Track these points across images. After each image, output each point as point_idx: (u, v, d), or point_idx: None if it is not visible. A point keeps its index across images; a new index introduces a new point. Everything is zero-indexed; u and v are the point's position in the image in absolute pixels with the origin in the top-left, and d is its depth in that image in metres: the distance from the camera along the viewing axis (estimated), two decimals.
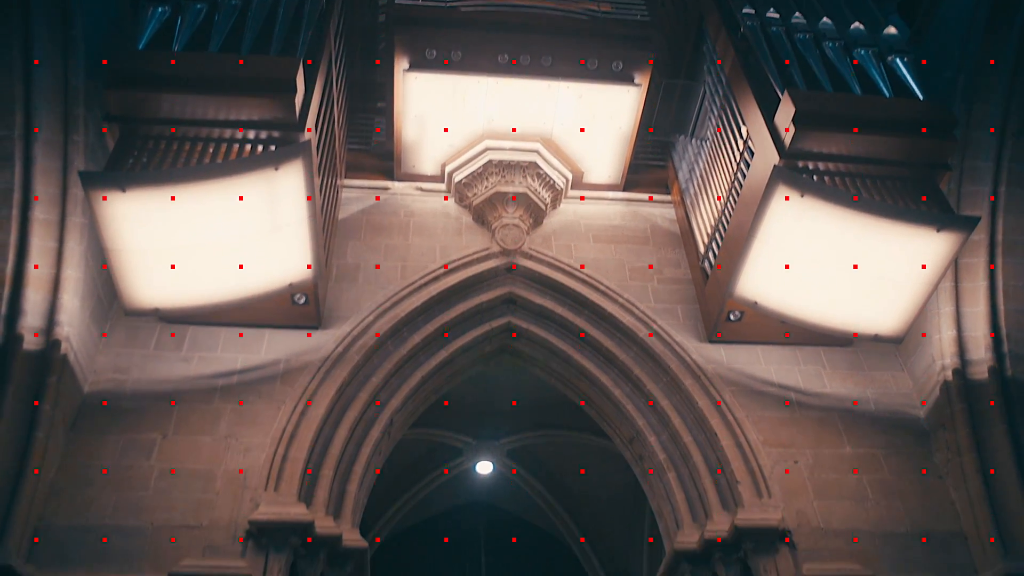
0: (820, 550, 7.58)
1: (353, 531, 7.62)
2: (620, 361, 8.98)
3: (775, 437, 8.36)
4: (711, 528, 7.71)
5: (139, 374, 8.22)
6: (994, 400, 8.05)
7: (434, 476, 12.75)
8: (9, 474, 6.96)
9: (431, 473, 12.76)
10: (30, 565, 6.83)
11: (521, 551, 13.52)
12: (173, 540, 7.11)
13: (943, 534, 7.90)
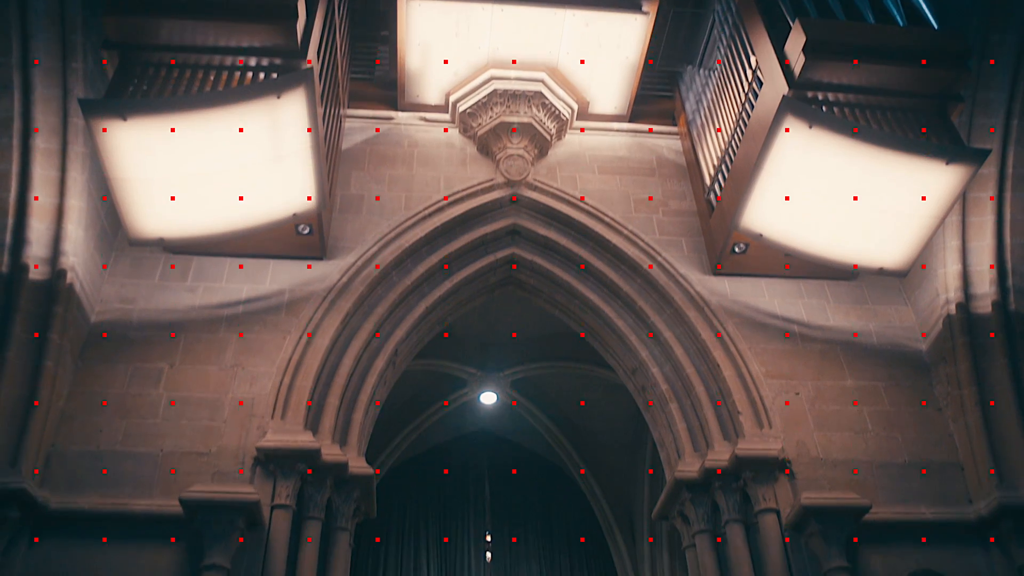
0: (819, 479, 7.70)
1: (359, 459, 7.75)
2: (624, 293, 9.00)
3: (777, 369, 8.42)
4: (712, 458, 7.82)
5: (145, 304, 8.26)
6: (996, 334, 8.08)
7: (438, 407, 12.89)
8: (20, 402, 7.08)
9: (436, 404, 12.90)
10: (44, 490, 6.98)
11: (524, 480, 13.73)
12: (174, 471, 7.24)
13: (940, 464, 8.02)
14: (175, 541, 6.91)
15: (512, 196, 9.42)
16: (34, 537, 6.84)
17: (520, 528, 13.29)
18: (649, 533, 12.42)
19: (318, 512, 7.21)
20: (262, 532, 6.95)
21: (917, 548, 7.46)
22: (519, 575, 12.86)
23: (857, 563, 7.26)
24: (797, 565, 7.21)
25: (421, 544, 12.66)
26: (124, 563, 6.80)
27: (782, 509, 7.47)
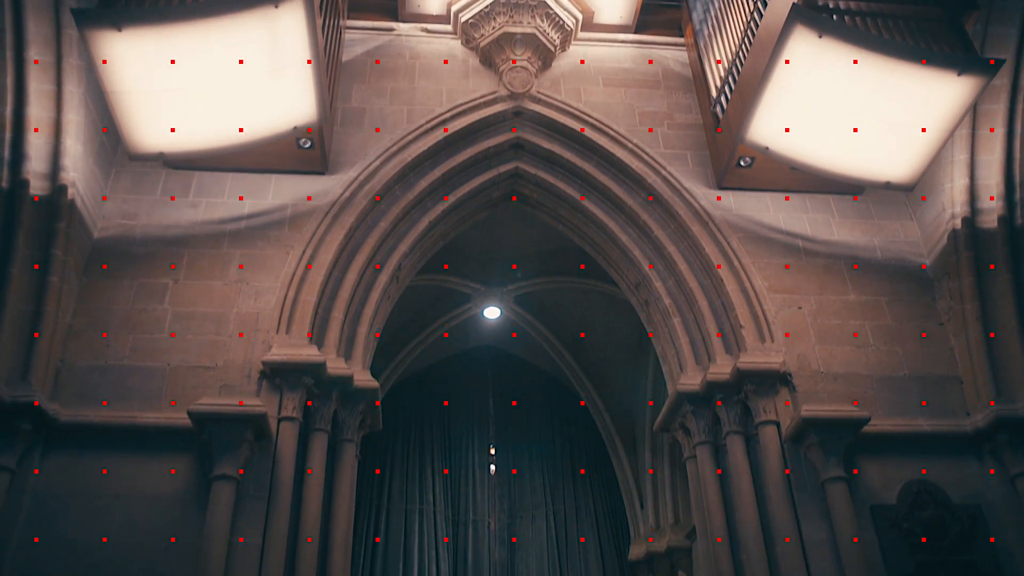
0: (819, 392, 7.80)
1: (364, 372, 7.84)
2: (628, 207, 8.95)
3: (780, 283, 8.43)
4: (714, 371, 7.90)
5: (147, 220, 8.25)
6: (1001, 249, 8.06)
7: (442, 322, 12.97)
8: (27, 317, 7.14)
9: (440, 319, 12.98)
10: (54, 403, 7.10)
11: (528, 394, 13.91)
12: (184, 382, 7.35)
13: (939, 378, 8.10)
14: (185, 452, 7.05)
15: (515, 109, 9.28)
16: (46, 449, 6.97)
17: (523, 442, 13.51)
18: (651, 446, 12.65)
19: (324, 424, 7.33)
20: (270, 444, 7.08)
21: (914, 459, 7.60)
22: (522, 487, 13.14)
23: (854, 472, 7.40)
24: (795, 475, 7.36)
25: (426, 457, 12.90)
26: (135, 474, 6.96)
27: (782, 421, 7.58)
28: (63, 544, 6.64)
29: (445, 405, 13.58)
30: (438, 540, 12.11)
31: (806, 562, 6.97)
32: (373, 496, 12.20)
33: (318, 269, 7.97)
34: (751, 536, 7.16)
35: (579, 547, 12.55)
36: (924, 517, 7.31)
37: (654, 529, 12.40)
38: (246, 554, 6.63)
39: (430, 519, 12.24)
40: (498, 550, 12.47)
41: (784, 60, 7.40)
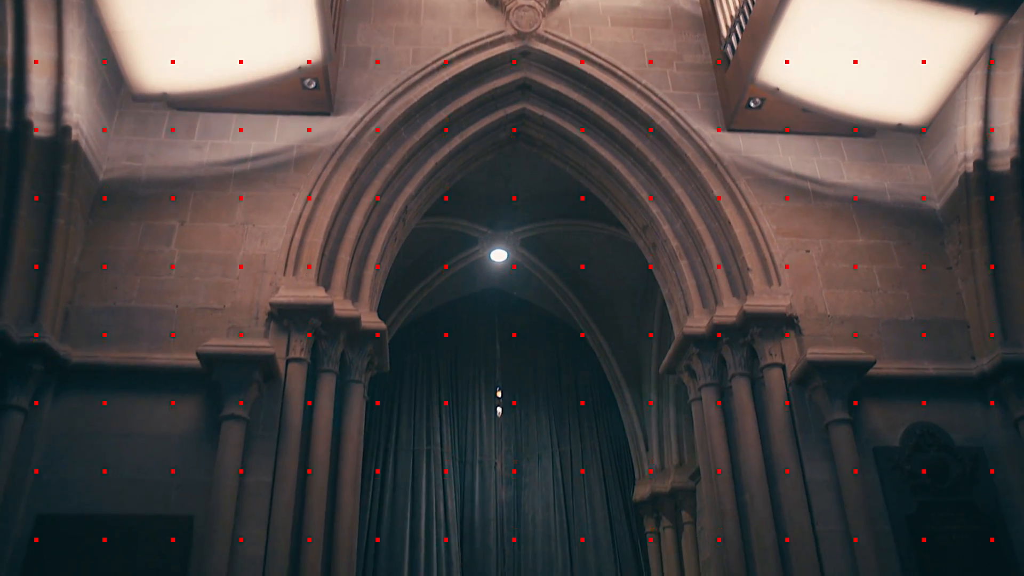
0: (825, 335, 7.81)
1: (371, 314, 7.87)
2: (636, 149, 8.86)
3: (788, 226, 8.39)
4: (720, 313, 7.91)
5: (152, 162, 8.21)
6: (1013, 192, 7.98)
7: (449, 265, 12.97)
8: (35, 259, 7.16)
9: (446, 262, 12.99)
10: (64, 345, 7.16)
11: (534, 337, 13.97)
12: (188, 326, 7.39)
13: (946, 322, 8.10)
14: (194, 393, 7.13)
15: (522, 49, 9.14)
16: (58, 389, 7.06)
17: (529, 384, 13.61)
18: (656, 388, 12.74)
19: (332, 365, 7.39)
20: (278, 384, 7.15)
21: (918, 402, 7.65)
22: (528, 429, 13.27)
23: (858, 415, 7.45)
24: (800, 417, 7.42)
25: (433, 398, 13.01)
26: (146, 414, 7.05)
27: (788, 364, 7.61)
28: (77, 483, 6.76)
29: (452, 347, 13.64)
30: (445, 480, 12.28)
31: (808, 502, 7.06)
32: (381, 437, 12.35)
33: (324, 211, 7.95)
34: (754, 476, 7.25)
35: (584, 487, 12.72)
36: (926, 459, 7.38)
37: (659, 470, 12.55)
38: (256, 492, 6.75)
39: (437, 459, 12.40)
40: (504, 490, 12.66)
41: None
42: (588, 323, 13.59)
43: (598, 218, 11.62)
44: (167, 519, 6.69)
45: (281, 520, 6.64)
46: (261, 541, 6.58)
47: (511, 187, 11.77)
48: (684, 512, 12.04)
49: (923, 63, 7.52)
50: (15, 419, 6.74)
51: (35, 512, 6.62)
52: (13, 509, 6.54)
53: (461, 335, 13.79)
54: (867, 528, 6.86)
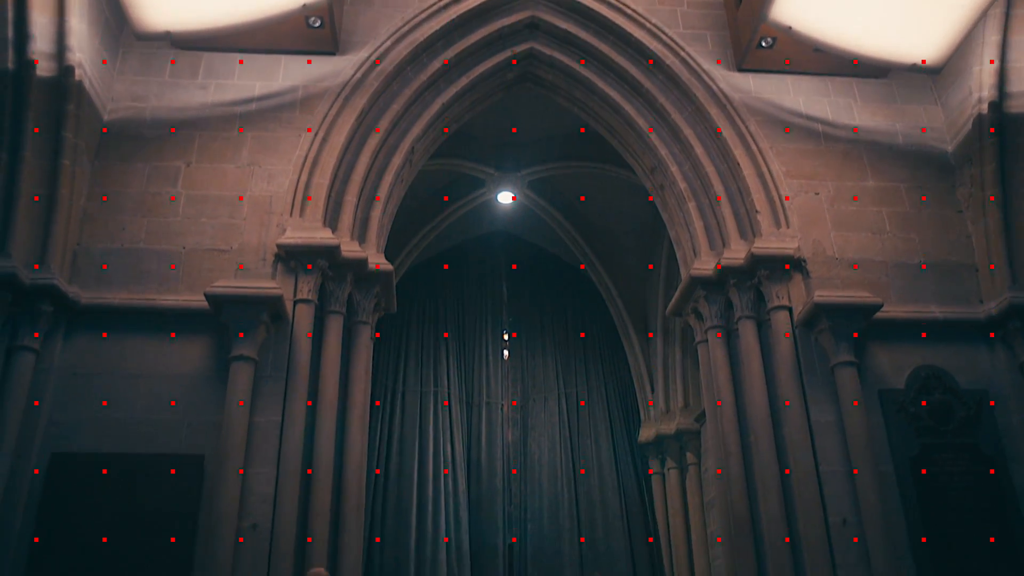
0: (832, 278, 7.79)
1: (378, 255, 7.86)
2: (645, 89, 8.73)
3: (798, 168, 8.32)
4: (728, 256, 7.88)
5: (157, 102, 8.15)
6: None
7: (456, 207, 12.91)
8: (42, 201, 7.15)
9: (453, 204, 12.92)
10: (73, 286, 7.19)
11: (540, 279, 13.96)
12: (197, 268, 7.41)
13: (954, 265, 8.08)
14: (203, 334, 7.18)
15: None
16: (68, 331, 7.11)
17: (536, 326, 13.65)
18: (662, 331, 12.77)
19: (340, 307, 7.42)
20: (286, 325, 7.19)
21: (923, 346, 7.67)
22: (535, 371, 13.35)
23: (864, 358, 7.47)
24: (805, 359, 7.45)
25: (440, 341, 13.07)
26: (155, 355, 7.11)
27: (794, 307, 7.62)
28: (89, 422, 6.86)
29: (459, 289, 13.65)
30: (452, 421, 12.40)
31: (812, 443, 7.13)
32: (388, 378, 12.45)
33: (330, 152, 7.90)
34: (759, 418, 7.31)
35: (590, 428, 12.84)
36: (931, 401, 7.43)
37: (664, 412, 12.65)
38: (266, 431, 6.83)
39: (444, 401, 12.51)
40: (511, 431, 12.79)
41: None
42: (595, 265, 13.56)
43: (606, 160, 11.52)
44: (178, 458, 6.79)
45: (291, 459, 6.74)
46: (271, 479, 6.69)
47: (519, 128, 11.65)
48: (688, 453, 12.16)
49: (941, 1, 7.36)
50: (26, 359, 6.81)
51: (49, 450, 6.73)
52: (28, 447, 6.65)
53: (468, 277, 13.79)
54: (870, 468, 6.94)
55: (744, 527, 7.19)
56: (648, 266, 13.03)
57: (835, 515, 6.90)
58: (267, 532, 6.53)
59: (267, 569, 6.42)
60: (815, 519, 6.89)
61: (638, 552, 11.92)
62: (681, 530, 11.92)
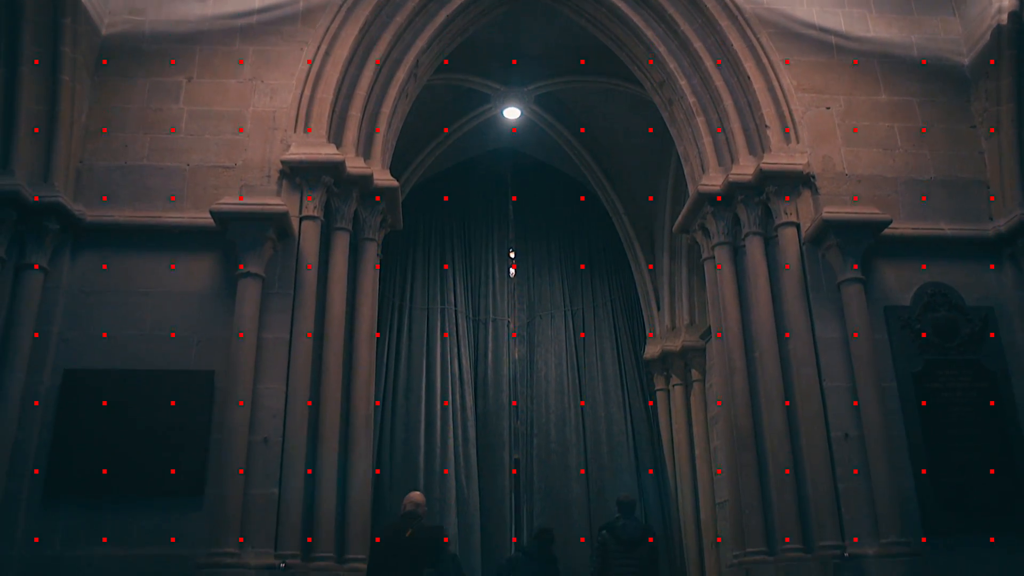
0: (842, 194, 7.73)
1: (384, 171, 7.80)
2: (654, 0, 8.50)
3: (810, 82, 8.16)
4: (736, 171, 7.80)
5: (155, 15, 7.99)
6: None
7: (461, 123, 12.73)
8: (42, 118, 7.10)
9: (459, 120, 12.74)
10: (78, 204, 7.18)
11: (547, 195, 13.84)
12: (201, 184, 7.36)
13: (966, 182, 8.00)
14: (210, 251, 7.20)
15: None
16: (75, 249, 7.14)
17: (542, 244, 13.59)
18: (669, 248, 12.74)
19: (345, 223, 7.40)
20: (292, 242, 7.19)
21: (931, 263, 7.66)
22: (541, 288, 13.35)
23: (871, 275, 7.47)
24: (812, 276, 7.45)
25: (447, 258, 13.03)
26: (163, 272, 7.16)
27: (802, 223, 7.58)
28: (100, 339, 6.95)
29: (465, 207, 13.57)
30: (459, 338, 12.49)
31: (817, 359, 7.19)
32: (395, 296, 12.49)
33: (334, 66, 7.77)
34: (764, 334, 7.35)
35: (595, 346, 12.91)
36: (936, 318, 7.45)
37: (669, 329, 12.72)
38: (274, 348, 6.90)
39: (451, 318, 12.57)
40: (517, 348, 12.88)
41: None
42: (601, 182, 13.43)
43: (614, 75, 11.30)
44: (188, 374, 6.89)
45: (299, 375, 6.83)
46: (280, 395, 6.79)
47: (526, 42, 11.40)
48: (693, 370, 12.26)
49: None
50: (35, 277, 6.86)
51: (62, 367, 6.84)
52: (41, 364, 6.75)
53: (474, 194, 13.68)
54: (873, 384, 7.00)
55: (747, 441, 7.30)
56: (655, 183, 12.90)
57: (837, 430, 7.00)
58: (278, 446, 6.66)
59: (279, 482, 6.57)
60: (817, 434, 6.99)
61: (643, 467, 12.13)
62: (685, 446, 12.11)
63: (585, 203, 13.81)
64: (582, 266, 13.52)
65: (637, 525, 7.77)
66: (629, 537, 7.58)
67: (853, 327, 7.15)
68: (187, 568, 6.27)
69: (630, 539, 7.58)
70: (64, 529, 6.44)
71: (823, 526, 6.77)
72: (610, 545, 7.62)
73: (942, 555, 6.74)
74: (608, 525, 7.83)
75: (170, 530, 6.48)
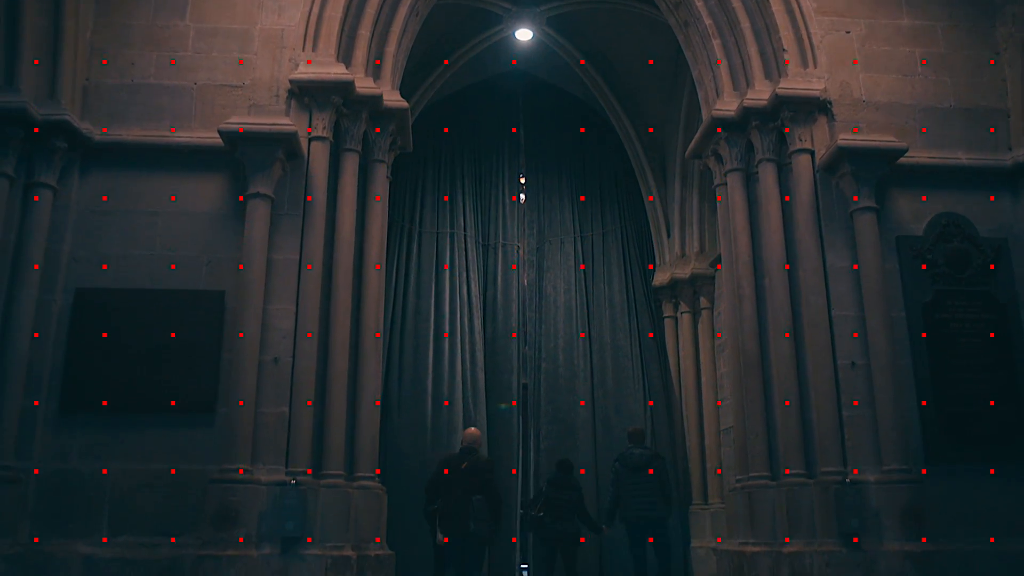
0: (858, 121, 7.61)
1: (393, 92, 7.69)
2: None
3: (830, 5, 7.96)
4: (752, 96, 7.66)
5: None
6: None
7: (472, 44, 12.50)
8: (46, 34, 6.99)
9: (470, 42, 12.51)
10: (85, 122, 7.14)
11: (558, 120, 13.66)
12: None
13: (986, 111, 7.87)
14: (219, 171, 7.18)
15: None
16: (84, 168, 7.13)
17: (553, 169, 13.47)
18: (681, 174, 12.63)
19: (355, 144, 7.34)
20: (301, 163, 7.16)
21: (946, 193, 7.60)
22: (551, 213, 13.28)
23: (884, 204, 7.40)
24: (825, 204, 7.39)
25: (456, 182, 12.94)
26: (172, 193, 7.16)
27: (817, 150, 7.49)
28: (110, 259, 7.00)
29: (475, 131, 13.41)
30: (468, 262, 12.49)
31: (826, 288, 7.18)
32: (405, 219, 12.45)
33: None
34: (775, 261, 7.33)
35: (604, 272, 12.91)
36: (948, 249, 7.42)
37: (679, 257, 12.69)
38: (284, 269, 6.93)
39: (460, 242, 12.55)
40: (527, 273, 12.89)
41: None
42: (614, 107, 13.22)
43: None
44: (199, 294, 6.95)
45: (309, 295, 6.88)
46: (290, 315, 6.85)
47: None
48: (702, 298, 12.27)
49: None
50: (45, 196, 6.86)
51: (74, 286, 6.89)
52: (52, 283, 6.81)
53: (485, 118, 13.50)
54: (882, 314, 7.01)
55: (754, 369, 7.34)
56: (669, 108, 12.71)
57: (844, 358, 7.04)
58: (288, 366, 6.75)
59: (289, 401, 6.68)
60: (824, 362, 7.03)
61: (650, 394, 12.24)
62: (691, 373, 12.21)
63: (597, 128, 13.64)
64: (583, 198, 13.41)
65: (646, 453, 8.36)
66: (638, 464, 8.18)
67: (864, 257, 7.12)
68: (200, 483, 6.43)
69: (639, 466, 8.18)
70: (80, 444, 6.59)
71: (826, 453, 6.86)
72: (622, 474, 8.25)
73: (943, 483, 6.85)
74: (620, 456, 8.48)
75: (183, 446, 6.62)
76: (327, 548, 6.40)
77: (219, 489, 6.33)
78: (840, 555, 6.45)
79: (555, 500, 8.38)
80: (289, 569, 6.26)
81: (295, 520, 6.33)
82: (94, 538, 6.40)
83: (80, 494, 6.47)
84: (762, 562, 6.76)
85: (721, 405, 11.47)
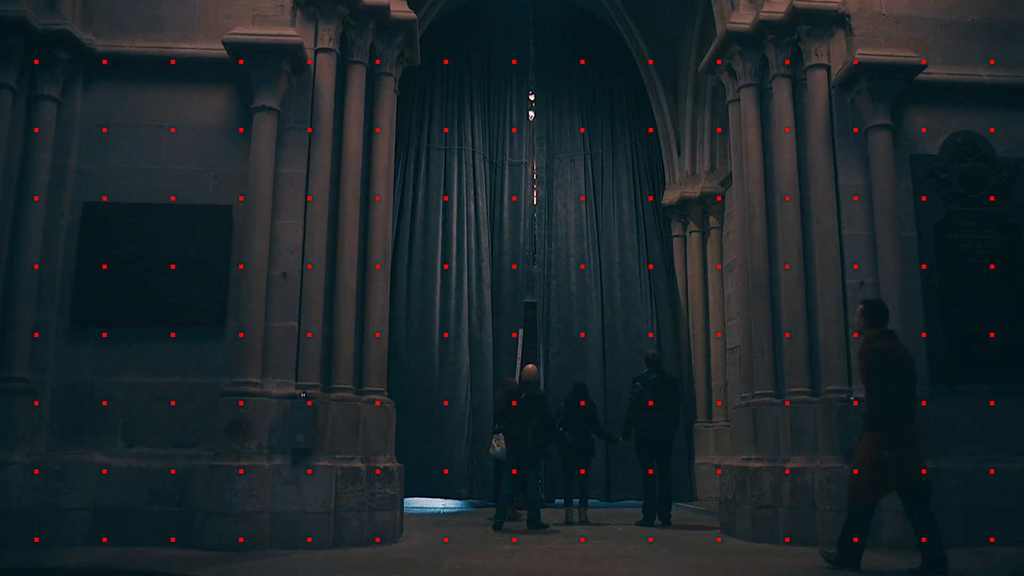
0: (877, 36, 7.41)
1: (400, 2, 7.50)
2: None
3: None
4: (768, 9, 7.44)
5: None
6: None
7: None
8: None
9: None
10: (87, 33, 7.00)
11: (569, 36, 13.36)
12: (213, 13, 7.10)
13: (1010, 25, 7.67)
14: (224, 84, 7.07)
15: None
16: (87, 81, 7.03)
17: (563, 85, 13.23)
18: (693, 92, 12.40)
19: (362, 57, 7.21)
20: (308, 76, 7.05)
21: (963, 111, 7.46)
22: (561, 131, 13.10)
23: (900, 122, 7.27)
24: (839, 121, 7.27)
25: (465, 99, 12.73)
26: (177, 106, 7.08)
27: (833, 65, 7.33)
28: (117, 173, 6.96)
29: (484, 45, 13.13)
30: (476, 179, 12.38)
31: (838, 206, 7.12)
32: (413, 136, 12.31)
33: None
34: (787, 179, 7.24)
35: (614, 189, 12.80)
36: (963, 168, 7.31)
37: (689, 175, 12.57)
38: (291, 183, 6.89)
39: (469, 159, 12.43)
40: (536, 191, 12.80)
41: None
42: (626, 21, 12.92)
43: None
44: (206, 208, 6.93)
45: (316, 210, 6.86)
46: (298, 230, 6.84)
47: None
48: (711, 217, 12.20)
49: None
50: (48, 109, 6.79)
51: (81, 200, 6.87)
52: (59, 197, 6.79)
53: (494, 32, 13.21)
54: (893, 233, 6.96)
55: (762, 288, 7.33)
56: (682, 23, 12.39)
57: (853, 278, 7.01)
58: (296, 281, 6.78)
59: (298, 314, 6.72)
60: (833, 281, 7.01)
61: (659, 311, 12.28)
62: (699, 292, 12.25)
63: (608, 43, 13.35)
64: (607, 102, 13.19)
65: (664, 378, 9.13)
66: (659, 389, 8.95)
67: (878, 175, 7.03)
68: (212, 395, 6.53)
69: (660, 391, 8.95)
70: (92, 357, 6.68)
71: (832, 372, 6.90)
72: (644, 396, 8.98)
73: (947, 402, 6.89)
74: (641, 377, 9.18)
75: (193, 359, 6.71)
76: (337, 460, 6.54)
77: (230, 402, 6.42)
78: (841, 471, 6.54)
79: (573, 417, 9.19)
80: (300, 479, 6.40)
81: (305, 432, 6.44)
82: (109, 448, 6.54)
83: (95, 406, 6.59)
84: (765, 477, 6.88)
85: (727, 327, 11.53)
